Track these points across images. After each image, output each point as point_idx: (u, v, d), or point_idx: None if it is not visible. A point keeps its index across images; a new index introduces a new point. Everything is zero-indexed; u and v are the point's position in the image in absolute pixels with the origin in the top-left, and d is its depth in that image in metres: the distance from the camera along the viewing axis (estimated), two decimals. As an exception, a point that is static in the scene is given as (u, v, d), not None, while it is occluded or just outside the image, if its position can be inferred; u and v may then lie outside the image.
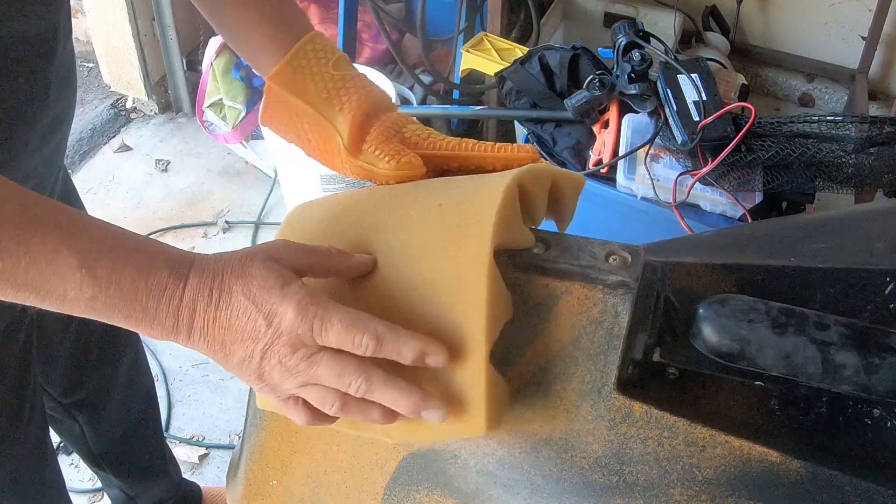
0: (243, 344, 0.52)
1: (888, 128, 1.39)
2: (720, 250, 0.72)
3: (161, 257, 0.53)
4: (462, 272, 0.55)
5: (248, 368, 0.53)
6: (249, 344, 0.52)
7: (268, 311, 0.52)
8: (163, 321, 0.52)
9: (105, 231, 0.53)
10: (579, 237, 0.60)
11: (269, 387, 0.54)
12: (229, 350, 0.53)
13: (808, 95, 2.54)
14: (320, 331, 0.52)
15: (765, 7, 2.44)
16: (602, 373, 0.56)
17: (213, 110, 2.23)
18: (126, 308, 0.51)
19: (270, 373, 0.53)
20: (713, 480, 0.53)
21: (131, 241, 0.53)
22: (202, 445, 1.72)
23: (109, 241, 0.52)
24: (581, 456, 0.56)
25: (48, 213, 0.51)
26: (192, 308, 0.52)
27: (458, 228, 0.57)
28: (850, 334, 0.53)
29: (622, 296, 0.57)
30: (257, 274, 0.52)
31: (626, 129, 1.54)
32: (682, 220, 1.48)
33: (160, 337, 0.53)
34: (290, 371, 0.53)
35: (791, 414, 0.59)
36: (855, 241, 0.68)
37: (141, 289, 0.51)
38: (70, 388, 1.17)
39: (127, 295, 0.51)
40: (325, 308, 0.52)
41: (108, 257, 0.51)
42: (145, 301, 0.51)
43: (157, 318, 0.52)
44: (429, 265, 0.57)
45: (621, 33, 1.55)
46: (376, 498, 0.65)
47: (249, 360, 0.53)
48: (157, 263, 0.52)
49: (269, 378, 0.53)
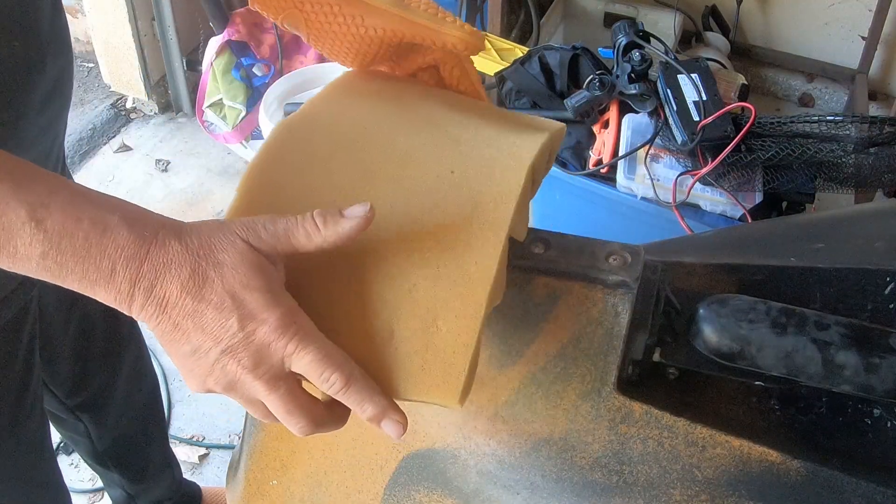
0: (204, 336, 0.48)
1: (888, 128, 1.39)
2: (720, 250, 0.72)
3: (119, 213, 0.47)
4: (474, 254, 0.53)
5: (196, 361, 0.48)
6: (210, 340, 0.47)
7: (246, 314, 0.47)
8: (118, 285, 0.47)
9: (61, 184, 0.48)
10: (579, 237, 0.60)
11: (209, 384, 0.49)
12: (184, 337, 0.48)
13: (808, 95, 2.53)
14: (293, 353, 0.48)
15: (765, 7, 2.44)
16: (602, 373, 0.56)
17: (213, 110, 2.23)
18: (79, 268, 0.46)
19: (221, 374, 0.48)
20: (713, 480, 0.53)
21: (90, 196, 0.48)
22: (202, 445, 1.72)
23: (64, 193, 0.47)
24: (581, 456, 0.56)
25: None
26: (153, 279, 0.47)
27: (473, 209, 0.54)
28: (850, 334, 0.53)
29: (622, 296, 0.57)
30: (240, 267, 0.48)
31: (626, 129, 1.54)
32: (682, 220, 1.48)
33: (114, 303, 0.48)
34: (242, 383, 0.48)
35: (791, 414, 0.59)
36: (855, 241, 0.68)
37: (94, 246, 0.46)
38: (75, 387, 1.17)
39: (79, 252, 0.46)
40: (305, 331, 0.48)
41: (61, 211, 0.46)
42: (99, 261, 0.46)
43: (113, 282, 0.47)
44: (436, 239, 0.54)
45: (621, 33, 1.55)
46: (376, 498, 0.65)
47: (203, 354, 0.48)
48: (115, 220, 0.47)
49: (216, 377, 0.49)
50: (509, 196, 0.55)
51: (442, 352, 0.51)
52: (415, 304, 0.52)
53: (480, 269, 0.52)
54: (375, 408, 0.50)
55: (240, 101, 2.20)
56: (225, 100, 2.19)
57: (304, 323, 0.49)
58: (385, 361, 0.51)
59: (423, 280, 0.52)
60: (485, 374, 0.59)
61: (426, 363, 0.51)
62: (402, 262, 0.53)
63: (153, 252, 0.47)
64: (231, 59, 2.16)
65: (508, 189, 0.55)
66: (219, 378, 0.49)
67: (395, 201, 0.55)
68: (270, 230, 0.50)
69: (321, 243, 0.50)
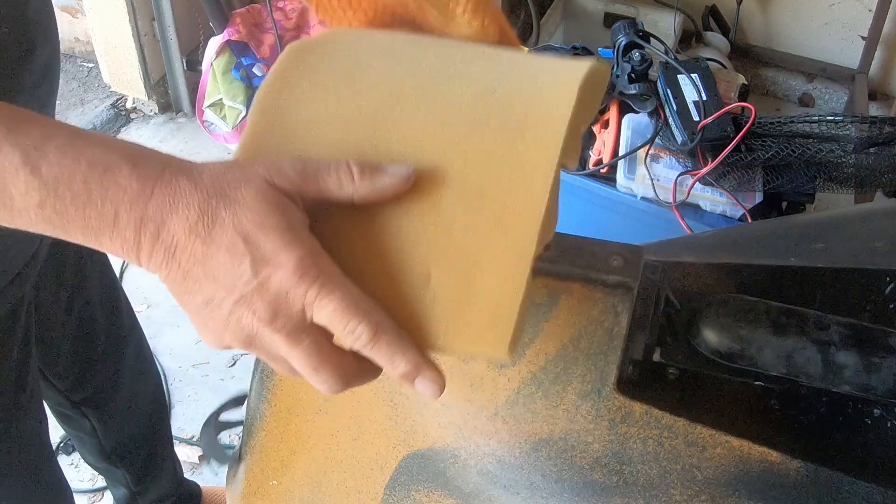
0: (216, 285, 0.43)
1: (888, 128, 1.39)
2: (720, 250, 0.72)
3: (120, 152, 0.43)
4: (522, 179, 0.46)
5: (210, 313, 0.44)
6: (223, 289, 0.43)
7: (260, 257, 0.42)
8: (122, 232, 0.43)
9: (58, 127, 0.44)
10: (579, 237, 0.60)
11: (226, 339, 0.45)
12: (194, 286, 0.43)
13: (808, 95, 2.53)
14: (314, 301, 0.42)
15: (765, 7, 2.44)
16: (602, 373, 0.56)
17: (213, 110, 2.23)
18: (80, 215, 0.42)
19: (237, 327, 0.43)
20: (713, 480, 0.53)
21: (90, 137, 0.44)
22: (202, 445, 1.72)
23: (61, 136, 0.43)
24: (581, 456, 0.56)
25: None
26: (159, 223, 0.42)
27: (519, 131, 0.47)
28: (850, 334, 0.53)
29: (622, 296, 0.57)
30: (254, 205, 0.43)
31: (626, 129, 1.54)
32: (682, 220, 1.48)
33: (121, 253, 0.44)
34: (260, 337, 0.44)
35: (791, 414, 0.59)
36: (855, 241, 0.68)
37: (95, 190, 0.42)
38: (77, 383, 1.17)
39: (79, 198, 0.42)
40: (327, 276, 0.43)
41: (57, 153, 0.42)
42: (101, 205, 0.42)
43: (117, 228, 0.42)
44: (476, 166, 0.46)
45: (621, 33, 1.55)
46: (376, 498, 0.65)
47: (216, 306, 0.43)
48: (116, 159, 0.43)
49: (232, 331, 0.44)
50: (561, 115, 0.47)
51: (487, 295, 0.44)
52: (454, 242, 0.45)
53: (529, 199, 0.45)
54: (408, 363, 0.44)
55: (240, 101, 2.19)
56: (225, 100, 2.19)
57: (327, 266, 0.43)
58: (420, 308, 0.45)
59: (463, 214, 0.45)
60: (485, 374, 0.59)
61: (469, 308, 0.44)
62: (439, 194, 0.46)
63: (158, 191, 0.43)
64: (231, 59, 2.16)
65: (559, 108, 0.47)
66: (235, 332, 0.44)
67: (428, 124, 0.48)
68: (298, 169, 0.45)
69: (352, 195, 0.45)
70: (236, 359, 1.88)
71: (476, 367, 0.58)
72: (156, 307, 2.00)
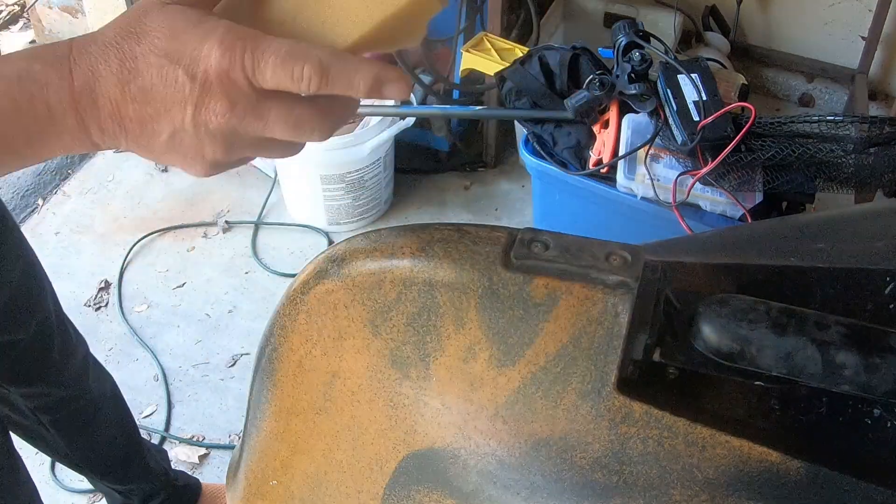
0: (168, 114, 0.43)
1: (888, 128, 1.40)
2: (720, 250, 0.72)
3: (22, 57, 0.43)
4: None
5: (182, 146, 0.44)
6: (176, 111, 0.43)
7: (187, 60, 0.42)
8: (63, 121, 0.43)
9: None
10: (579, 237, 0.60)
11: (209, 155, 0.45)
12: (153, 128, 0.44)
13: (808, 95, 2.53)
14: (253, 68, 0.42)
15: (765, 7, 2.44)
16: (602, 373, 0.56)
17: (213, 110, 2.23)
18: (19, 129, 0.43)
19: (210, 137, 0.44)
20: (713, 480, 0.53)
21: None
22: (202, 445, 1.72)
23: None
24: (581, 456, 0.56)
25: None
26: (90, 94, 0.43)
27: None
28: (850, 334, 0.53)
29: (622, 296, 0.57)
30: (159, 24, 0.43)
31: (626, 129, 1.54)
32: (682, 220, 1.48)
33: (75, 145, 0.44)
34: (234, 131, 0.44)
35: (791, 414, 0.59)
36: (855, 241, 0.68)
37: (18, 97, 0.42)
38: (29, 383, 1.16)
39: (8, 114, 0.42)
40: (253, 40, 0.43)
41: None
42: (33, 110, 0.43)
43: (56, 121, 0.43)
44: None
45: (621, 33, 1.55)
46: (376, 498, 0.65)
47: (182, 133, 0.44)
48: (24, 64, 0.43)
49: (209, 144, 0.44)
50: None
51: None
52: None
53: None
54: (367, 77, 0.44)
55: (240, 101, 2.20)
56: (225, 100, 2.19)
57: (249, 34, 0.43)
58: (343, 16, 0.46)
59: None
60: (485, 374, 0.59)
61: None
62: None
63: (75, 67, 0.43)
64: (231, 59, 2.16)
65: None
66: (212, 143, 0.44)
67: None
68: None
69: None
70: (236, 359, 1.88)
71: (476, 367, 0.58)
72: (156, 307, 2.00)
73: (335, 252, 0.64)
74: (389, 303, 0.60)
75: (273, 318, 0.67)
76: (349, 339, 0.62)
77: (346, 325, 0.62)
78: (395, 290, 0.60)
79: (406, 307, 0.60)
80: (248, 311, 1.98)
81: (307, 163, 1.95)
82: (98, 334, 1.93)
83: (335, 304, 0.62)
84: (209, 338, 1.91)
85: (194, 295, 2.01)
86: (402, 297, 0.60)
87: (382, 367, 0.61)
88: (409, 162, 2.31)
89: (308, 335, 0.64)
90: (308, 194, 2.05)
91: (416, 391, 0.60)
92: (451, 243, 0.60)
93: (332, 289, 0.62)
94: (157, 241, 2.16)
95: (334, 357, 0.63)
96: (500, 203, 2.27)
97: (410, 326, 0.60)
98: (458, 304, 0.58)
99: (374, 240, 0.63)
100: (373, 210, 2.17)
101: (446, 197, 2.29)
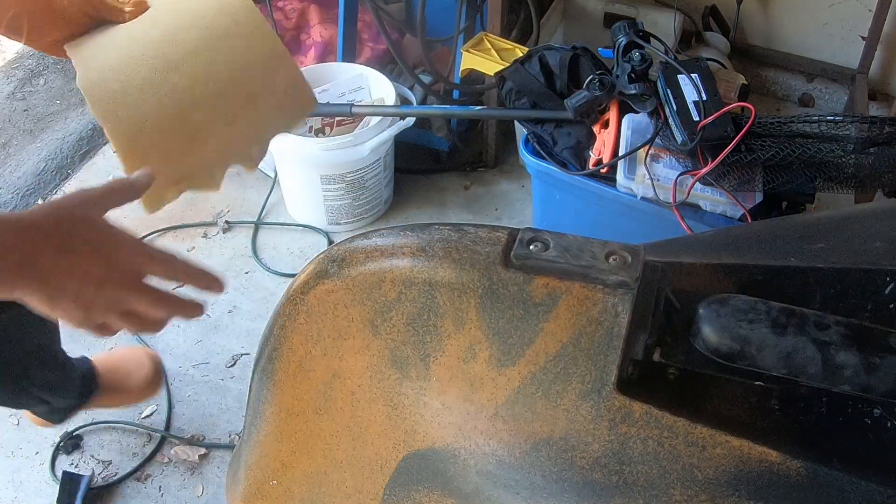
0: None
1: (888, 128, 1.40)
2: (720, 250, 0.72)
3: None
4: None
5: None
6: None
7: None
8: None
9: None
10: (579, 237, 0.60)
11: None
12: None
13: (808, 95, 2.53)
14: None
15: (765, 7, 2.44)
16: (602, 373, 0.56)
17: (213, 110, 2.23)
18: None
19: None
20: (713, 480, 0.53)
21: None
22: (202, 445, 1.72)
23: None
24: (581, 456, 0.56)
25: None
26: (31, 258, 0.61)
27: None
28: (850, 334, 0.53)
29: (622, 296, 0.57)
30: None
31: (626, 129, 1.54)
32: (682, 220, 1.48)
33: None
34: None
35: (791, 414, 0.59)
36: (855, 241, 0.68)
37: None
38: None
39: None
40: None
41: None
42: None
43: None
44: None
45: (621, 33, 1.55)
46: (376, 498, 0.65)
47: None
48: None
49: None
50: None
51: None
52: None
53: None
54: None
55: (240, 101, 2.19)
56: (225, 99, 2.19)
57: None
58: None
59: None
60: (485, 374, 0.59)
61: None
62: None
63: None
64: (231, 59, 2.16)
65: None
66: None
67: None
68: (92, 199, 0.69)
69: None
70: (236, 359, 1.88)
71: (476, 367, 0.58)
72: (156, 307, 2.00)
73: (335, 252, 0.64)
74: (389, 303, 0.60)
75: (273, 318, 0.67)
76: (349, 339, 0.62)
77: (346, 325, 0.62)
78: (395, 290, 0.60)
79: (406, 307, 0.60)
80: (248, 310, 1.98)
81: (307, 163, 1.95)
82: (98, 334, 1.93)
83: (335, 304, 0.62)
84: (209, 338, 1.91)
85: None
86: (402, 297, 0.60)
87: (382, 367, 0.61)
88: (409, 162, 2.31)
89: (308, 335, 0.64)
90: (308, 194, 2.05)
91: (416, 391, 0.60)
92: (451, 243, 0.60)
93: (332, 289, 0.62)
94: (157, 240, 2.16)
95: (334, 357, 0.63)
96: (500, 203, 2.27)
97: (410, 326, 0.60)
98: (458, 304, 0.58)
99: (374, 240, 0.63)
100: (373, 210, 2.17)
101: (446, 197, 2.29)
